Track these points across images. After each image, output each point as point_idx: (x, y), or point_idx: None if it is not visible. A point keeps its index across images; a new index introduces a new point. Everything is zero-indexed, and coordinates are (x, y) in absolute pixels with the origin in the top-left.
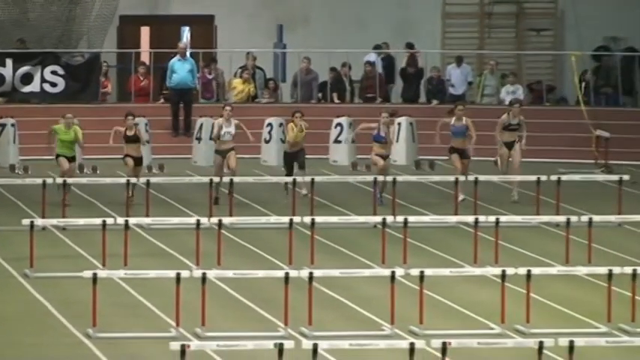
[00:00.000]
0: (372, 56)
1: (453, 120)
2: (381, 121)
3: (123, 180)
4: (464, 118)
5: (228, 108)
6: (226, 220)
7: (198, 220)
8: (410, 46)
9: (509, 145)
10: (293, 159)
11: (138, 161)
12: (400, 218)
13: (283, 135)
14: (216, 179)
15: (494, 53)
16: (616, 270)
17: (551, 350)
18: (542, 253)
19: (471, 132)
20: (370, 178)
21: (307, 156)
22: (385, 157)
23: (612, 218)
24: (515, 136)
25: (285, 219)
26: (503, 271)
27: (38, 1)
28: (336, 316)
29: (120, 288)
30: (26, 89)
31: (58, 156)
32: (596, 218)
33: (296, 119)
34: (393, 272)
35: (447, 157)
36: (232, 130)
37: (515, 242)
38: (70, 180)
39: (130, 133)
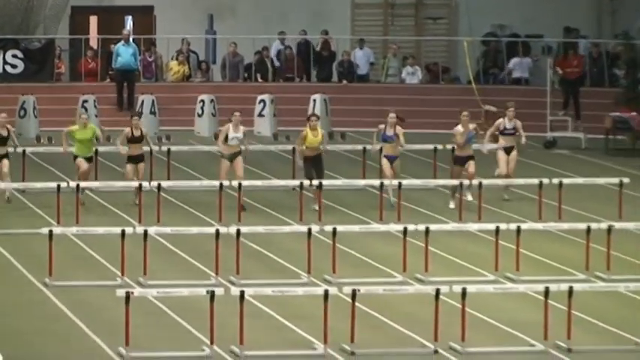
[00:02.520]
0: (278, 43)
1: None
2: (388, 122)
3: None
4: (469, 125)
5: (237, 114)
6: (164, 183)
7: (140, 184)
8: (326, 32)
9: (508, 150)
10: (311, 166)
11: (139, 158)
12: (315, 182)
13: (214, 110)
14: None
15: (396, 39)
16: (502, 226)
17: (446, 296)
18: (438, 211)
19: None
20: (289, 147)
21: None
22: (394, 160)
23: (499, 182)
24: (514, 142)
25: (216, 182)
26: (405, 228)
27: None
28: (260, 266)
29: (73, 243)
30: None
31: (76, 157)
32: (485, 182)
33: (311, 122)
34: (310, 229)
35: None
36: (240, 135)
37: (415, 202)
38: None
39: (136, 133)
